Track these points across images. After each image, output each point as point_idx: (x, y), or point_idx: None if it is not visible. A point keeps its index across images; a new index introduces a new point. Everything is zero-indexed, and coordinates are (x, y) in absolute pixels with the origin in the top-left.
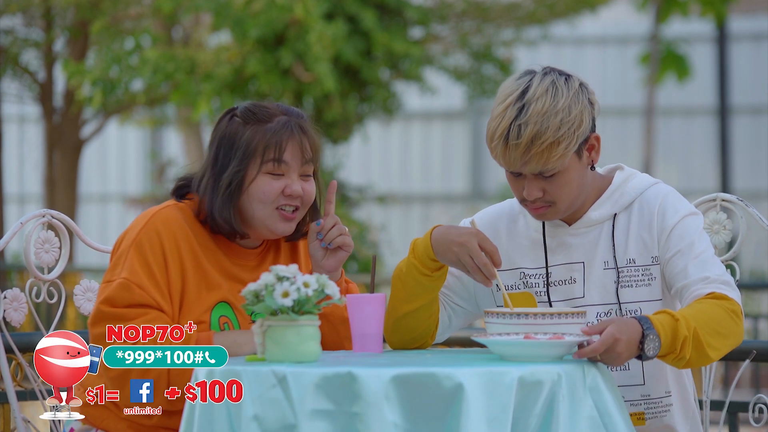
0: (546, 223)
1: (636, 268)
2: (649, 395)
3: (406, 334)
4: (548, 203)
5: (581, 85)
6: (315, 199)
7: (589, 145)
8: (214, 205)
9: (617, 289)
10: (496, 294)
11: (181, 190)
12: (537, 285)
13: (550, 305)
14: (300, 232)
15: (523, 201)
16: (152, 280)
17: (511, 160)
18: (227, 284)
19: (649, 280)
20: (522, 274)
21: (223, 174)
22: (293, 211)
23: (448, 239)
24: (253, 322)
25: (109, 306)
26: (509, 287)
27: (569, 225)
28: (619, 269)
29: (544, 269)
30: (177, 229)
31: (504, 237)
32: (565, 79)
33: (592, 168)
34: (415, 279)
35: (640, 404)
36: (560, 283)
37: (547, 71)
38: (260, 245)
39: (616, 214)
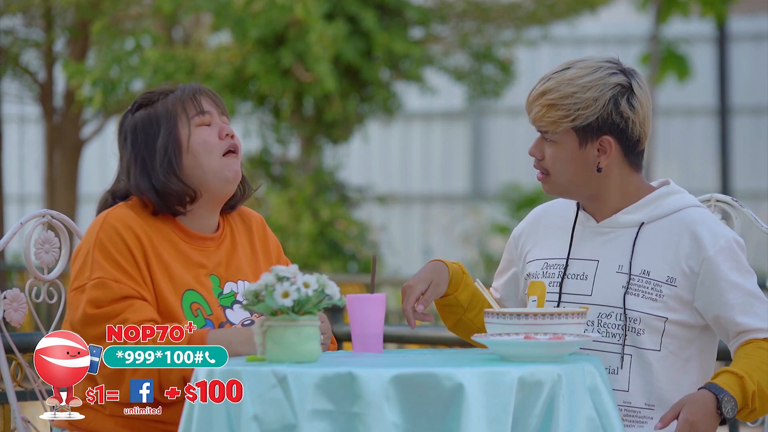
0: (579, 216)
1: (648, 280)
2: (630, 402)
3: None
4: (544, 171)
5: (623, 87)
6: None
7: (599, 144)
8: (156, 180)
9: (625, 294)
10: (525, 265)
11: (114, 199)
12: (553, 275)
13: (559, 296)
14: (236, 199)
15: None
16: (124, 273)
17: (527, 104)
18: (192, 271)
19: (656, 295)
20: (545, 264)
21: (153, 149)
22: (234, 152)
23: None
24: (222, 306)
25: (95, 307)
26: (532, 275)
27: (597, 222)
28: (631, 276)
29: (565, 260)
30: (133, 223)
31: (541, 228)
32: (613, 73)
33: (599, 170)
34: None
35: (621, 410)
36: (573, 276)
37: (622, 68)
38: (218, 229)
39: (643, 223)
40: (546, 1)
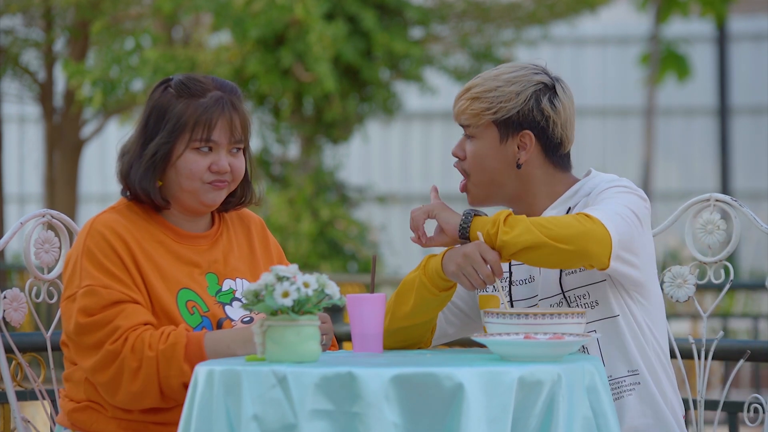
0: None
1: None
2: (610, 375)
3: (401, 342)
4: (465, 172)
5: (546, 86)
6: (247, 173)
7: (519, 140)
8: (137, 176)
9: (561, 277)
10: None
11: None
12: (504, 287)
13: (511, 304)
14: (232, 204)
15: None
16: (113, 278)
17: (454, 102)
18: (185, 270)
19: None
20: None
21: (150, 143)
22: (222, 184)
23: (455, 254)
24: (220, 303)
25: (86, 316)
26: (481, 289)
27: None
28: None
29: (508, 268)
30: (120, 228)
31: None
32: (537, 73)
33: (519, 166)
34: (422, 297)
35: None
36: (521, 282)
37: (546, 71)
38: (212, 227)
39: (570, 208)
40: (546, 1)
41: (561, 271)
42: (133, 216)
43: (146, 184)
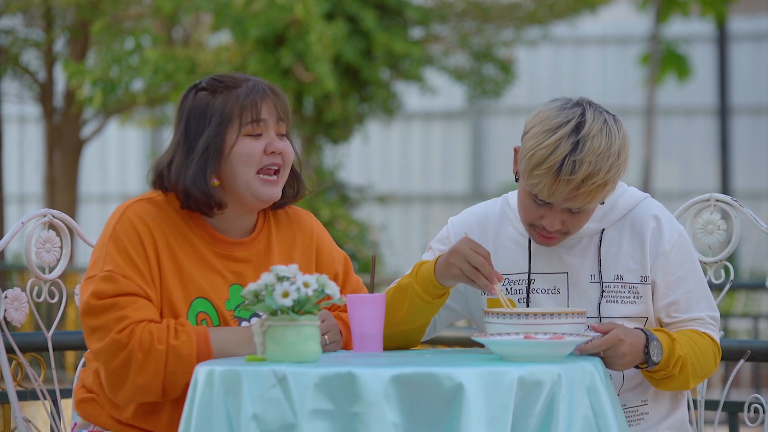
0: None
1: (623, 284)
2: (625, 404)
3: (393, 343)
4: (563, 233)
5: (622, 124)
6: (295, 165)
7: None
8: (188, 176)
9: (600, 303)
10: (481, 297)
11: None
12: (520, 291)
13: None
14: (288, 197)
15: (532, 226)
16: (135, 270)
17: (557, 193)
18: (208, 277)
19: (635, 298)
20: (506, 279)
21: (196, 143)
22: (275, 172)
23: (445, 257)
24: (235, 318)
25: (97, 299)
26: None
27: None
28: (605, 284)
29: (527, 275)
30: (150, 221)
31: (491, 240)
32: (614, 119)
33: (602, 203)
34: (415, 304)
35: None
36: (543, 291)
37: (594, 106)
38: (251, 232)
39: (604, 230)
40: (546, 1)
41: (601, 296)
42: (169, 210)
43: (201, 183)
